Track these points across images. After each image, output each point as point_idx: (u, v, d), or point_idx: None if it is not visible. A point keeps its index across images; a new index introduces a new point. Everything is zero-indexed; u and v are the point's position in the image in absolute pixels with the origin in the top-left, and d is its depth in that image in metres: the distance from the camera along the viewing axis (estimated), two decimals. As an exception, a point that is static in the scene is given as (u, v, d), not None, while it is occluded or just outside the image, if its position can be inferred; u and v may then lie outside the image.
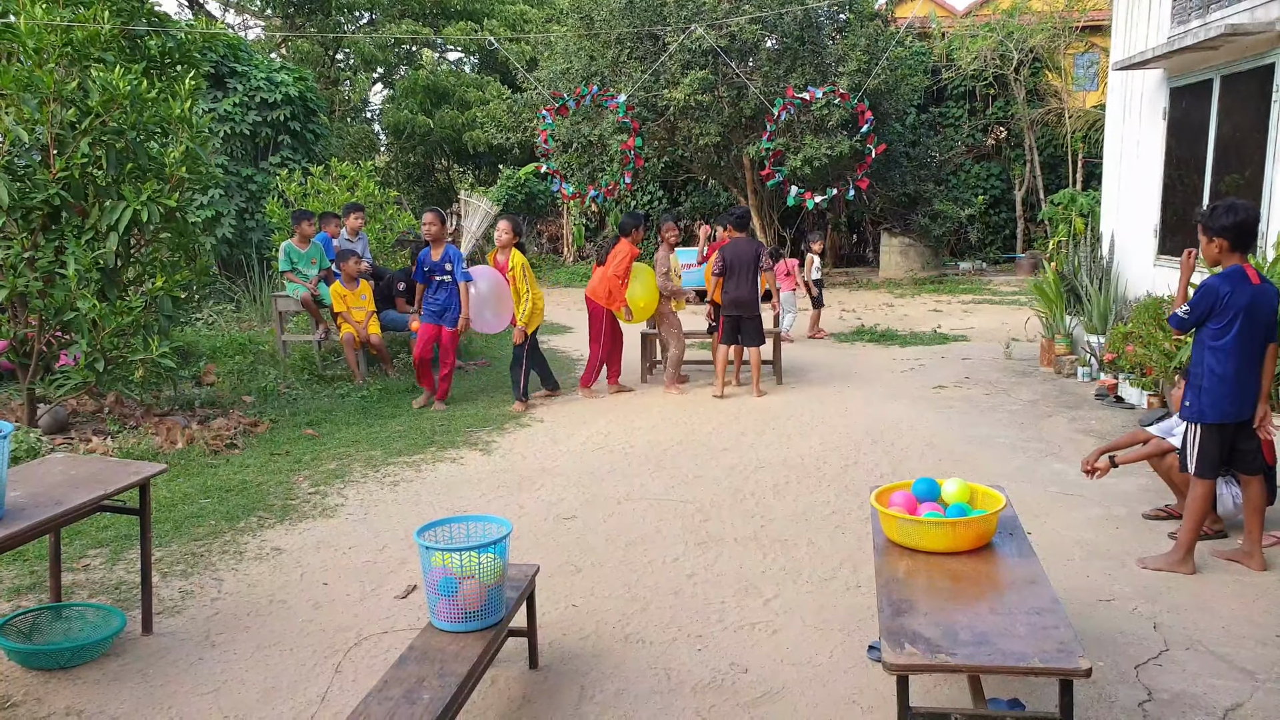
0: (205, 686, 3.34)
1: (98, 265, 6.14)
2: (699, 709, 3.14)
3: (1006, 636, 2.41)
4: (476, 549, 2.96)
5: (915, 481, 3.28)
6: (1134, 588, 3.99)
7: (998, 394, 8.04)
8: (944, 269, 17.93)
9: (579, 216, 19.71)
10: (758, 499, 5.29)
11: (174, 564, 4.43)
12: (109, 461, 3.89)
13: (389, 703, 2.54)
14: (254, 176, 13.05)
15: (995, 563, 2.90)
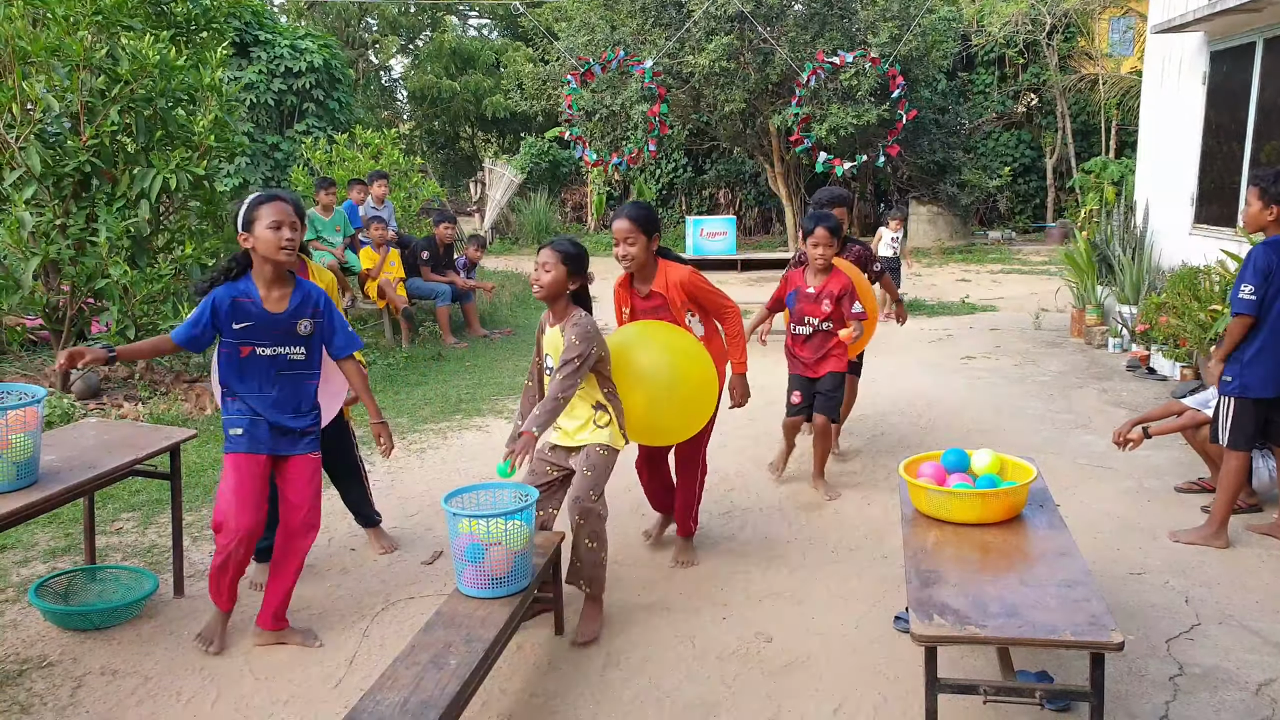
0: (236, 648, 3.39)
1: (129, 233, 6.19)
2: (724, 677, 3.15)
3: (1037, 609, 2.39)
4: (504, 516, 2.97)
5: (944, 453, 3.24)
6: (1166, 561, 3.94)
7: (1027, 365, 7.95)
8: (973, 238, 17.70)
9: (602, 185, 19.59)
10: (784, 471, 5.26)
11: (204, 529, 4.49)
12: (140, 426, 3.94)
13: (416, 667, 2.57)
14: (279, 145, 13.08)
15: (1025, 535, 2.87)
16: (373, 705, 2.38)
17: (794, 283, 4.84)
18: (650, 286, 3.89)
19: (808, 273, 4.80)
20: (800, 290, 4.79)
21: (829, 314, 4.72)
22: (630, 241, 3.78)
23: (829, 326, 4.76)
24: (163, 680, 3.18)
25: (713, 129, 16.34)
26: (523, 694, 3.09)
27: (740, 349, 4.07)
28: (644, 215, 3.81)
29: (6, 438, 3.09)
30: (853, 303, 4.72)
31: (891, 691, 3.04)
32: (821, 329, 4.76)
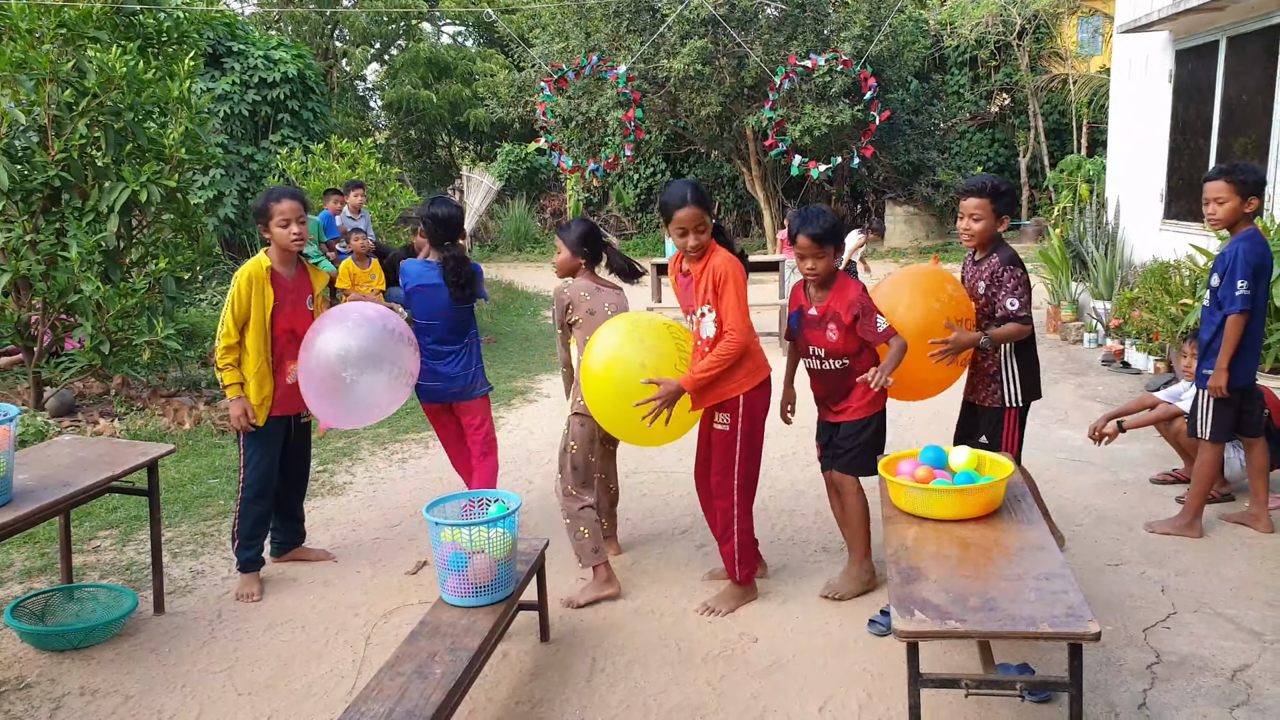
0: (218, 665, 3.36)
1: (100, 247, 6.13)
2: (709, 679, 3.16)
3: (1015, 602, 2.41)
4: (486, 524, 2.97)
5: (923, 450, 3.26)
6: (1141, 552, 3.99)
7: (1004, 362, 8.00)
8: (949, 237, 17.83)
9: (580, 192, 19.60)
10: (764, 470, 5.25)
11: (184, 544, 4.45)
12: (116, 443, 3.90)
13: (401, 678, 2.56)
14: (254, 156, 12.99)
15: (1003, 529, 2.90)
16: (358, 717, 2.37)
17: (797, 301, 3.73)
18: (693, 265, 3.53)
19: (809, 287, 3.69)
20: (804, 311, 3.68)
21: (837, 344, 3.56)
22: (701, 229, 3.43)
23: (842, 365, 3.60)
24: (144, 699, 3.15)
25: (689, 133, 16.41)
26: (509, 701, 3.08)
27: (706, 368, 3.37)
28: (707, 197, 3.50)
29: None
30: (873, 318, 3.50)
31: (876, 688, 3.06)
32: (832, 365, 3.62)
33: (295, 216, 3.78)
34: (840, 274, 3.65)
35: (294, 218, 3.78)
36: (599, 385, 3.54)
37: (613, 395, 3.51)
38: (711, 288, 3.44)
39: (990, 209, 3.72)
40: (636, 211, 19.62)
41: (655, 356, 3.51)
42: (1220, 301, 3.96)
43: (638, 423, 3.45)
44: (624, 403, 3.46)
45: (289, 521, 4.20)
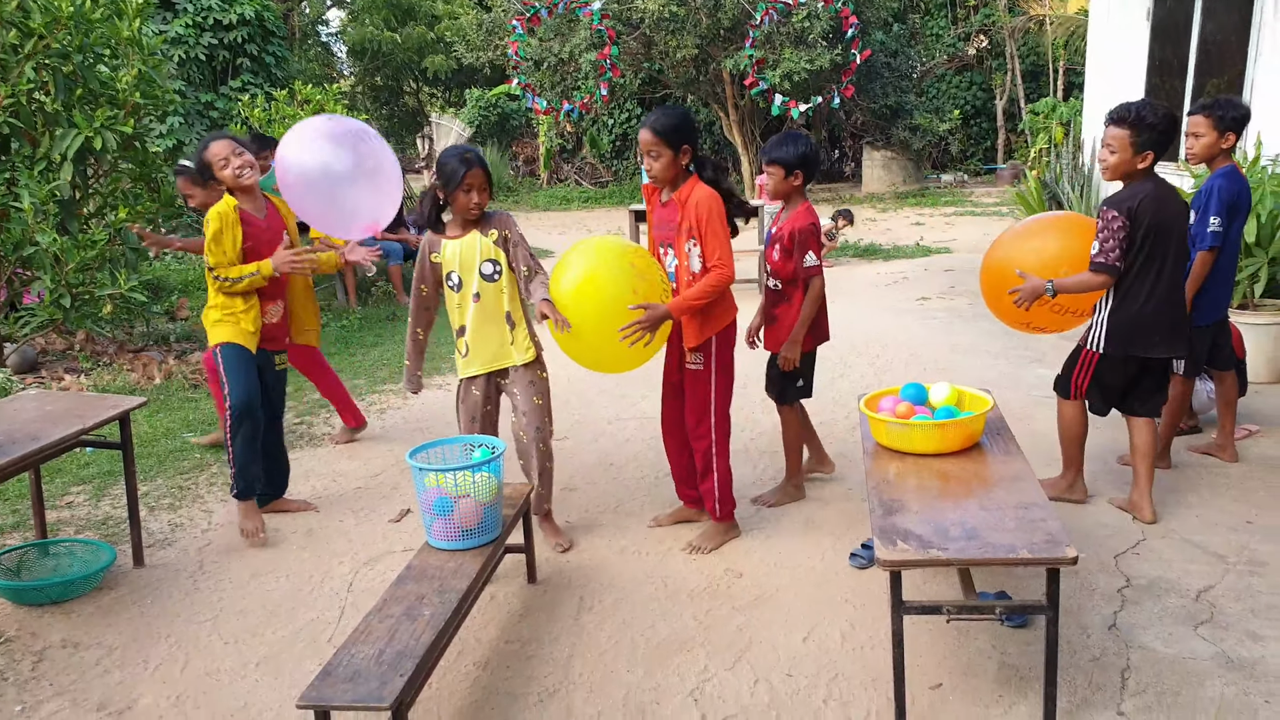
0: (202, 615, 3.35)
1: (54, 197, 5.94)
2: (695, 614, 3.19)
3: (996, 530, 2.45)
4: (471, 469, 2.95)
5: (903, 387, 3.28)
6: (1115, 484, 4.06)
7: (981, 304, 7.99)
8: (925, 182, 17.81)
9: (553, 137, 19.32)
10: (746, 413, 5.31)
11: (161, 497, 4.41)
12: (85, 396, 3.84)
13: (390, 620, 2.56)
14: (214, 103, 12.64)
15: (983, 462, 2.93)
16: (348, 659, 2.37)
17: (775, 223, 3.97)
18: (672, 195, 3.47)
19: (782, 212, 3.91)
20: (772, 232, 3.95)
21: (777, 265, 3.79)
22: (654, 154, 3.38)
23: (777, 286, 3.84)
24: (128, 650, 3.14)
25: (665, 76, 16.16)
26: (498, 641, 3.10)
27: (696, 295, 3.36)
28: (669, 125, 3.32)
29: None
30: (805, 252, 3.70)
31: (858, 618, 3.11)
32: (772, 285, 3.87)
33: (229, 153, 3.74)
34: (805, 202, 3.83)
35: (228, 154, 3.74)
36: (576, 302, 3.39)
37: (594, 314, 3.38)
38: (695, 225, 3.40)
39: (1129, 142, 3.39)
40: (611, 158, 19.39)
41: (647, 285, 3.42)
42: (1194, 239, 3.95)
43: (609, 345, 3.38)
44: (599, 329, 3.38)
45: (274, 465, 4.15)
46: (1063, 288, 3.50)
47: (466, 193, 3.42)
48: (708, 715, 2.65)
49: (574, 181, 19.62)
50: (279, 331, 4.02)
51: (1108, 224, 3.42)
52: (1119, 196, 3.46)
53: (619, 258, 3.45)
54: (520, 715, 2.69)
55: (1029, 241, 3.89)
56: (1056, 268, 3.61)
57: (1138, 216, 3.39)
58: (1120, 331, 3.55)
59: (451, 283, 3.57)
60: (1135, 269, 3.47)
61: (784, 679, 2.80)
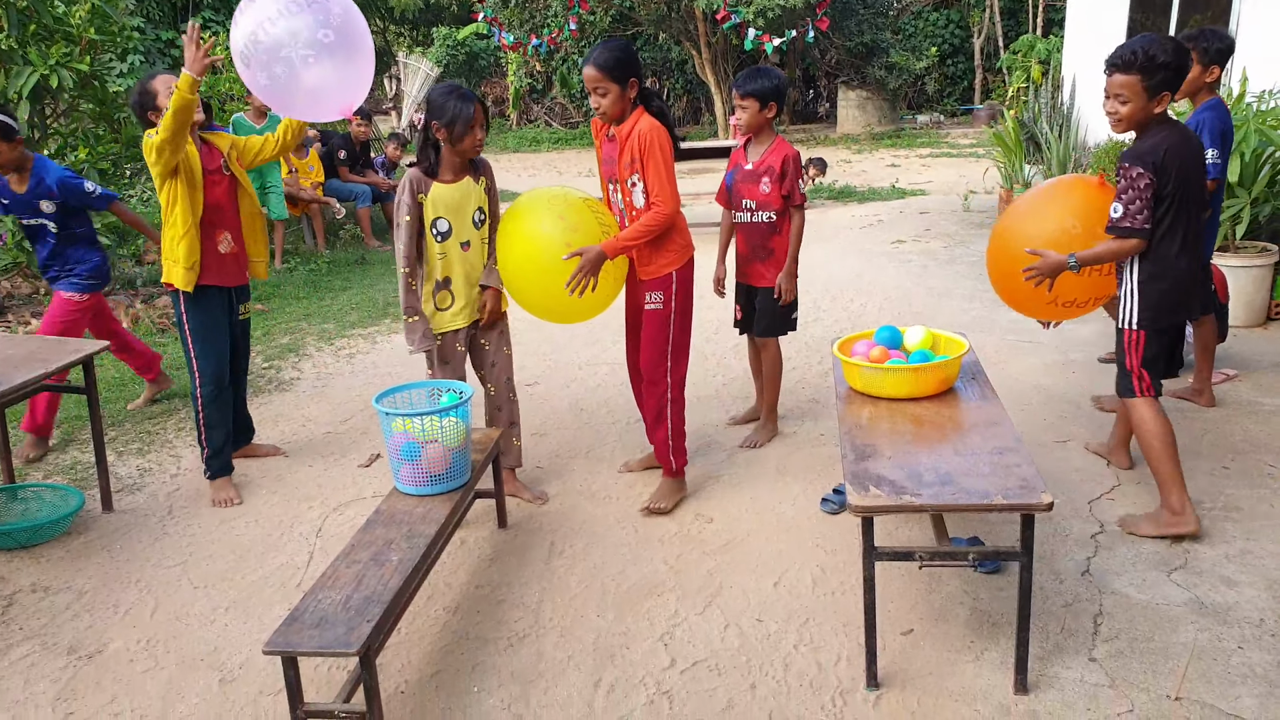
0: (171, 559, 3.32)
1: (12, 136, 5.74)
2: (666, 558, 3.20)
3: (970, 476, 2.44)
4: (438, 413, 2.91)
5: (878, 330, 3.25)
6: (1089, 428, 4.09)
7: (956, 246, 8.04)
8: (901, 123, 17.67)
9: (523, 77, 18.91)
10: (718, 359, 5.29)
11: (129, 443, 4.34)
12: (49, 341, 3.73)
13: (357, 565, 2.53)
14: (175, 41, 12.23)
15: (958, 407, 2.92)
16: (314, 604, 2.35)
17: (734, 161, 3.99)
18: (617, 129, 3.34)
19: (749, 147, 3.95)
20: (739, 167, 3.92)
21: (768, 197, 3.86)
22: (601, 91, 3.23)
23: (770, 218, 3.89)
24: (98, 594, 3.11)
25: (636, 13, 15.80)
26: (469, 586, 3.10)
27: (631, 236, 3.28)
28: (613, 59, 3.20)
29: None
30: (797, 180, 3.82)
31: (829, 563, 3.13)
32: (760, 219, 3.92)
33: (167, 90, 3.53)
34: (777, 135, 3.90)
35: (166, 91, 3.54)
36: (519, 265, 3.32)
37: (536, 274, 3.31)
38: (638, 157, 3.27)
39: (1141, 87, 2.99)
40: (582, 97, 19.04)
41: (580, 235, 3.28)
42: None
43: (562, 299, 3.27)
44: (547, 281, 3.28)
45: (236, 418, 4.05)
46: (1087, 260, 3.06)
47: (475, 130, 3.28)
48: (677, 659, 2.66)
49: (544, 122, 19.28)
50: (234, 265, 3.77)
51: (1132, 182, 2.99)
52: (1140, 149, 3.03)
53: (547, 212, 3.32)
54: (491, 659, 2.69)
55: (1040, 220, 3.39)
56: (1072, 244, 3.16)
57: (1164, 169, 2.97)
58: (1159, 300, 3.09)
59: (437, 230, 3.36)
60: (1164, 228, 3.03)
61: (754, 624, 2.81)
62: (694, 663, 2.65)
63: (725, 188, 4.00)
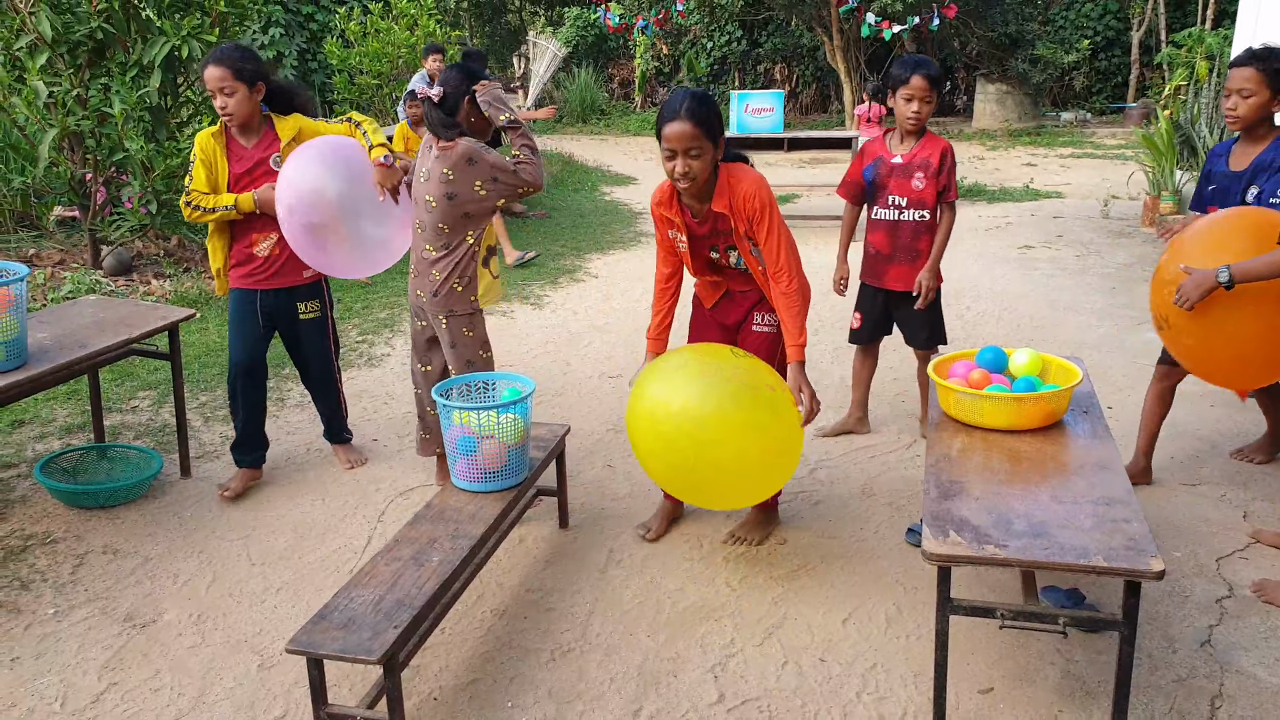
0: (236, 532, 3.33)
1: (143, 104, 5.98)
2: (729, 580, 3.00)
3: (1067, 528, 2.15)
4: (496, 408, 2.79)
5: (980, 351, 2.95)
6: (1224, 472, 3.65)
7: (1090, 255, 7.46)
8: (1043, 119, 16.66)
9: (649, 60, 18.74)
10: (813, 363, 4.98)
11: (217, 409, 4.43)
12: (139, 305, 3.82)
13: (397, 563, 2.44)
14: (314, 15, 12.61)
15: (1064, 444, 2.61)
16: (345, 602, 2.26)
17: (873, 152, 3.76)
18: (709, 204, 2.85)
19: (890, 139, 3.74)
20: (883, 160, 3.70)
21: (923, 193, 3.64)
22: (697, 152, 2.70)
23: (922, 216, 3.66)
24: (161, 562, 3.14)
25: (769, -2, 15.39)
26: (519, 589, 2.98)
27: (797, 319, 2.85)
28: (706, 112, 2.70)
29: (0, 316, 3.00)
30: (955, 176, 3.63)
31: (907, 603, 2.87)
32: (910, 217, 3.68)
33: (218, 88, 3.26)
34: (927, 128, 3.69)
35: (217, 89, 3.27)
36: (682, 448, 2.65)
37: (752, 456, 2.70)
38: (750, 224, 2.83)
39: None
40: (709, 81, 18.76)
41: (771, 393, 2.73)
42: None
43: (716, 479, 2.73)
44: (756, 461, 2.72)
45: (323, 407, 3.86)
46: (1245, 273, 2.64)
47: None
48: (726, 695, 2.47)
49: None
50: (277, 267, 3.48)
51: None
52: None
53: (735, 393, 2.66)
54: (530, 673, 2.57)
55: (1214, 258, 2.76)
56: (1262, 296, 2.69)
57: None
58: None
59: None
60: None
61: (816, 663, 2.59)
62: (743, 700, 2.45)
63: (861, 182, 3.78)
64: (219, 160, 3.39)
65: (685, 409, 2.61)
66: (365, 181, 3.34)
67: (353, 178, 3.31)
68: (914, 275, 3.73)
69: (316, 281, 3.62)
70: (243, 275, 3.51)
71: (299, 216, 3.28)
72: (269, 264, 3.50)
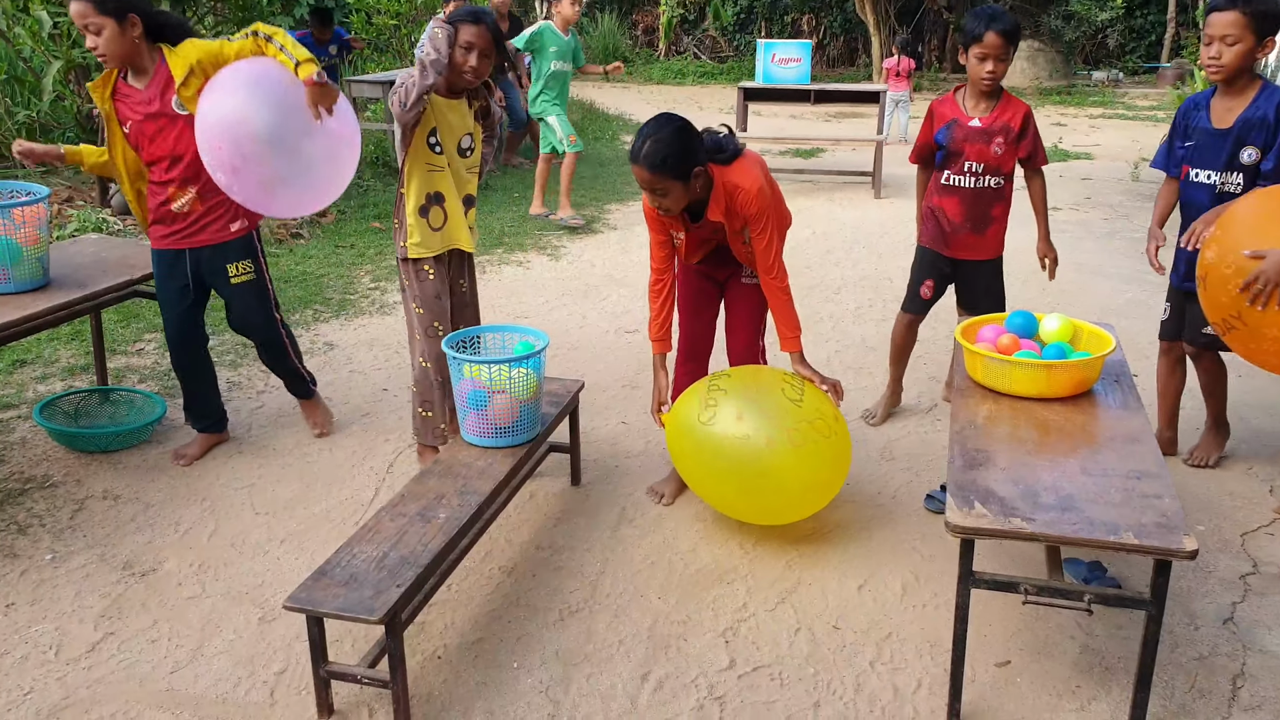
0: (241, 480, 3.28)
1: (152, 39, 5.84)
2: (743, 542, 2.93)
3: (1096, 503, 2.06)
4: (508, 362, 2.70)
5: (1010, 315, 2.84)
6: (1253, 445, 3.54)
7: (1118, 219, 7.27)
8: (1074, 78, 16.26)
9: (674, 7, 18.32)
10: (835, 322, 4.91)
11: (224, 354, 4.36)
12: (141, 245, 3.72)
13: (402, 519, 2.38)
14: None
15: (1094, 414, 2.51)
16: (348, 558, 2.20)
17: (944, 114, 3.44)
18: (705, 216, 2.80)
19: (964, 98, 3.44)
20: (958, 123, 3.40)
21: (1002, 158, 3.36)
22: (661, 191, 2.65)
23: (999, 183, 3.42)
24: (163, 509, 3.09)
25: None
26: (529, 546, 2.92)
27: (790, 312, 2.90)
28: (665, 155, 2.59)
29: (35, 233, 3.03)
30: (1039, 142, 3.41)
31: (924, 571, 2.79)
32: (987, 183, 3.42)
33: (83, 25, 2.87)
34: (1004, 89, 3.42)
35: (83, 28, 2.88)
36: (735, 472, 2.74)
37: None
38: (747, 224, 2.80)
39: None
40: (735, 31, 18.36)
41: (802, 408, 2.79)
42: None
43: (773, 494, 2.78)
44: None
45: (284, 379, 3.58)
46: None
47: (466, 50, 2.89)
48: (737, 660, 2.41)
49: (692, 55, 18.71)
50: (201, 224, 3.12)
51: None
52: None
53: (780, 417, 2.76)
54: (537, 632, 2.51)
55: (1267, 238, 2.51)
56: None
57: None
58: None
59: (436, 140, 3.02)
60: None
61: (829, 631, 2.52)
62: (755, 667, 2.39)
63: (933, 145, 3.48)
64: (109, 108, 2.99)
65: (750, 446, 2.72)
66: (297, 107, 2.88)
67: (282, 105, 2.86)
68: (981, 244, 3.51)
69: (247, 236, 3.21)
70: (163, 235, 3.14)
71: (227, 161, 2.85)
72: (190, 220, 3.11)
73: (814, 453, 2.73)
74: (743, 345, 3.11)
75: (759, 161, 2.85)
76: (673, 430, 2.91)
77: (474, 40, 2.90)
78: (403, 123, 2.91)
